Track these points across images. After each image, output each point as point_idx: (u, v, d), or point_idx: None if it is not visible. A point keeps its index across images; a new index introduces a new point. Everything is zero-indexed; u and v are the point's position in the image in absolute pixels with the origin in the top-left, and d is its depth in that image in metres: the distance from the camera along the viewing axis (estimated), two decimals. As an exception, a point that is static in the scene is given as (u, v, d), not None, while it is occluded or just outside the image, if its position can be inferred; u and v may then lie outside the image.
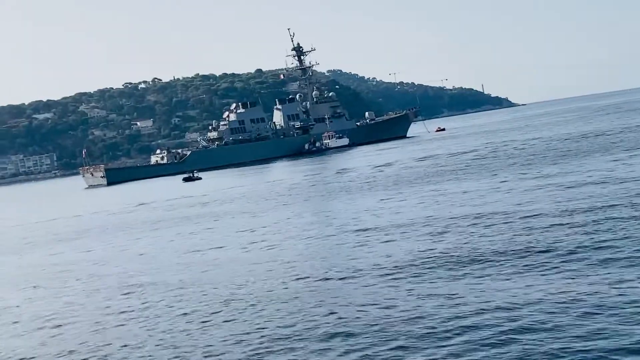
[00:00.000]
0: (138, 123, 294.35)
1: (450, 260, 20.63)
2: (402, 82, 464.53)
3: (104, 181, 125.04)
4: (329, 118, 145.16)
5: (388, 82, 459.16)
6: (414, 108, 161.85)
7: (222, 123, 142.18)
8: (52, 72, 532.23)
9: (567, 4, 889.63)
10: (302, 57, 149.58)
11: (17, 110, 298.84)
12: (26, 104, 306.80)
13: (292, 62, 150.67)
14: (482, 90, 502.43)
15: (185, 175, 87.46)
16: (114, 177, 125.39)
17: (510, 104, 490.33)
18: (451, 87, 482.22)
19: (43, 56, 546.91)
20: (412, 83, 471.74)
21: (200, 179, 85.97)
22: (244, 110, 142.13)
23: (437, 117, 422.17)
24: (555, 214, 25.41)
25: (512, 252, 20.55)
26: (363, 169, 66.50)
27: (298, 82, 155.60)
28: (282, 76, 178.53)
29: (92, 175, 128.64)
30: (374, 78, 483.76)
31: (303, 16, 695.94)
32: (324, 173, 69.69)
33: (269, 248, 27.48)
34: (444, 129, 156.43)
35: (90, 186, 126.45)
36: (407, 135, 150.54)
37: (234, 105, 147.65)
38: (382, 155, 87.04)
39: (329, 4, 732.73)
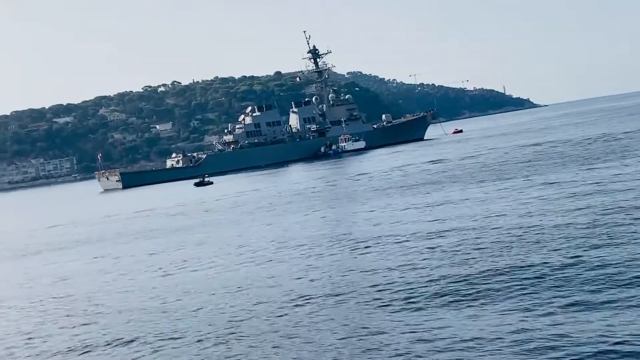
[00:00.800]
0: (157, 126, 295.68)
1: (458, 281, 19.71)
2: (423, 84, 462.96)
3: (119, 185, 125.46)
4: (345, 121, 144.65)
5: (408, 84, 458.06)
6: (431, 110, 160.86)
7: (237, 126, 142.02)
8: (73, 76, 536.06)
9: (589, 2, 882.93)
10: (318, 60, 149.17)
11: (37, 114, 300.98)
12: (46, 107, 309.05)
13: (308, 65, 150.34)
14: (503, 92, 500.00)
15: (197, 180, 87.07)
16: (129, 181, 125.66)
17: (533, 105, 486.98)
18: (472, 89, 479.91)
19: (63, 60, 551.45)
20: (433, 84, 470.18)
21: (211, 183, 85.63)
22: (259, 113, 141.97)
23: (458, 119, 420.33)
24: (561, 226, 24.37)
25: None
26: (377, 173, 65.63)
27: (314, 85, 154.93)
28: (298, 79, 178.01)
29: (108, 179, 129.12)
30: (394, 80, 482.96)
31: (323, 18, 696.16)
32: (338, 177, 69.06)
33: (258, 264, 26.64)
34: (461, 131, 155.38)
35: (106, 190, 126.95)
36: (425, 138, 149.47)
37: (249, 108, 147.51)
38: (396, 159, 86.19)
39: (349, 5, 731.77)
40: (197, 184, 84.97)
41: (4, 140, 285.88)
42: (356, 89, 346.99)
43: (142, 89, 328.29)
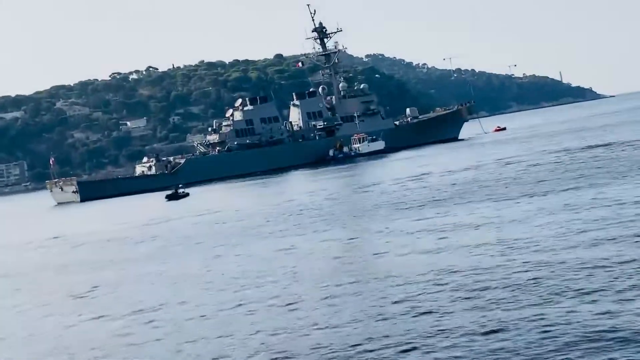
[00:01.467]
0: (128, 123, 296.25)
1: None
2: (460, 70, 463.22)
3: (77, 197, 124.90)
4: (359, 116, 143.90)
5: (442, 70, 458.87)
6: (467, 102, 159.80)
7: (224, 123, 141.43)
8: (22, 61, 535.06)
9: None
10: (325, 40, 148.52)
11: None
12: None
13: (314, 47, 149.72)
14: (559, 79, 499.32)
15: (169, 192, 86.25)
16: (88, 193, 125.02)
17: (596, 96, 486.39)
18: (521, 75, 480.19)
19: (10, 42, 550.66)
20: (472, 70, 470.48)
21: (187, 195, 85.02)
22: (252, 107, 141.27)
23: (504, 113, 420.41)
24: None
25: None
26: (393, 183, 64.75)
27: (321, 72, 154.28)
28: (300, 64, 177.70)
29: (62, 190, 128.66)
30: (424, 64, 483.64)
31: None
32: (347, 188, 68.34)
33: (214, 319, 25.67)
34: (504, 129, 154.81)
35: (60, 204, 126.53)
36: (459, 137, 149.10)
37: (239, 101, 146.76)
38: (420, 164, 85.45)
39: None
40: (169, 197, 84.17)
41: None
42: (376, 75, 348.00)
43: (110, 76, 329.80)
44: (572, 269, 22.73)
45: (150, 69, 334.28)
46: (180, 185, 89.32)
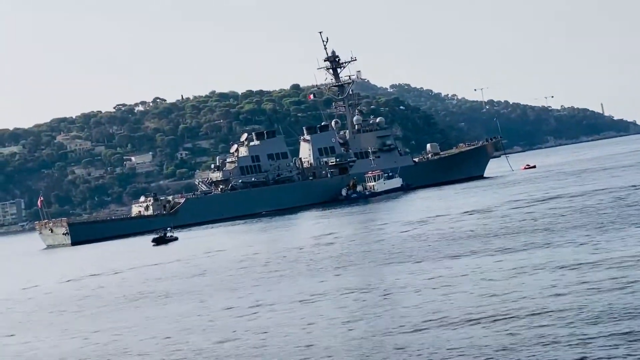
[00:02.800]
0: (133, 158, 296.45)
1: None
2: (492, 101, 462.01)
3: (67, 240, 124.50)
4: (374, 152, 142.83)
5: (473, 101, 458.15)
6: (493, 138, 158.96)
7: (229, 160, 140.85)
8: (21, 92, 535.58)
9: None
10: (338, 70, 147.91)
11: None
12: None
13: (326, 77, 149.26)
14: (601, 112, 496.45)
15: (156, 235, 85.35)
16: (80, 235, 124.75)
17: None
18: (559, 107, 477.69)
19: (9, 73, 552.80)
20: (506, 102, 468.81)
21: (175, 239, 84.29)
22: (258, 142, 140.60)
23: (540, 147, 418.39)
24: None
25: None
26: (400, 227, 64.01)
27: (333, 104, 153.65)
28: (312, 96, 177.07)
29: (52, 231, 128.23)
30: (454, 95, 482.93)
31: (359, 16, 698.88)
32: (359, 230, 67.25)
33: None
34: (534, 166, 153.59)
35: (50, 246, 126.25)
36: (485, 175, 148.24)
37: (244, 135, 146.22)
38: (438, 203, 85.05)
39: (396, 4, 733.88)
40: (156, 241, 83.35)
41: None
42: (400, 107, 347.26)
43: (114, 108, 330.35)
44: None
45: (158, 100, 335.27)
46: (169, 229, 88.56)
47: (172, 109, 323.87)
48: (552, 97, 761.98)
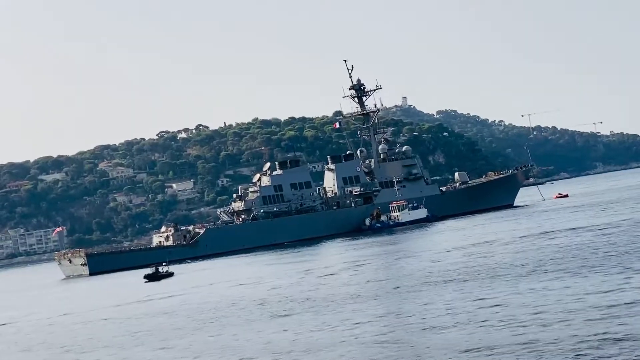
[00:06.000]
0: (174, 185, 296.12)
1: None
2: (540, 127, 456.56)
3: (86, 270, 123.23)
4: (399, 181, 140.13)
5: (520, 127, 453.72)
6: (524, 166, 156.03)
7: (251, 189, 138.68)
8: (66, 119, 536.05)
9: None
10: (364, 99, 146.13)
11: (18, 170, 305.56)
12: (31, 161, 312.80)
13: (352, 105, 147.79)
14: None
15: (149, 271, 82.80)
16: (98, 266, 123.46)
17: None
18: (608, 133, 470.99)
19: (54, 100, 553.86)
20: (554, 128, 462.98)
21: (171, 275, 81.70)
22: (281, 171, 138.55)
23: (589, 174, 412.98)
24: None
25: None
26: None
27: (358, 132, 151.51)
28: (337, 124, 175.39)
29: (70, 262, 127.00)
30: (501, 121, 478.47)
31: (404, 40, 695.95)
32: (373, 265, 65.16)
33: None
34: (566, 195, 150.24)
35: (68, 277, 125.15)
36: (515, 204, 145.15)
37: (267, 165, 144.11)
38: (464, 235, 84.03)
39: (438, 26, 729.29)
40: (148, 278, 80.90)
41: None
42: (444, 134, 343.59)
43: (157, 135, 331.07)
44: None
45: (201, 127, 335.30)
46: (164, 264, 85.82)
47: (214, 136, 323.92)
48: (601, 123, 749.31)
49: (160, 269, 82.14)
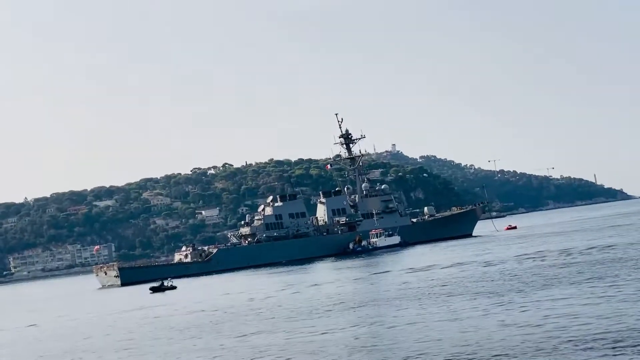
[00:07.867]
0: (203, 212, 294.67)
1: None
2: (503, 170, 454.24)
3: (118, 281, 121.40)
4: (378, 213, 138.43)
5: (487, 170, 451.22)
6: (481, 203, 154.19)
7: (256, 217, 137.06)
8: (116, 155, 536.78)
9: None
10: (350, 145, 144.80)
11: (77, 197, 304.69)
12: (88, 190, 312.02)
13: (341, 151, 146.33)
14: (594, 181, 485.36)
15: (155, 284, 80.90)
16: (129, 277, 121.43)
17: (626, 197, 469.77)
18: (558, 177, 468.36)
19: (110, 139, 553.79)
20: (514, 171, 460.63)
21: (174, 288, 79.61)
22: (281, 203, 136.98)
23: (542, 209, 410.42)
24: None
25: None
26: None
27: (346, 173, 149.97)
28: (329, 166, 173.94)
29: (106, 274, 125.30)
30: (472, 165, 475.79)
31: (399, 98, 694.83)
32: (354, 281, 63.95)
33: None
34: (514, 227, 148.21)
35: (104, 287, 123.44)
36: (474, 234, 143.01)
37: (270, 197, 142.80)
38: (423, 258, 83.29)
39: (428, 90, 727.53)
40: (153, 289, 78.92)
41: (40, 224, 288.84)
42: (424, 175, 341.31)
43: (191, 171, 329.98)
44: None
45: (226, 165, 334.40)
46: (169, 279, 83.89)
47: (236, 172, 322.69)
48: (553, 168, 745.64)
49: (165, 283, 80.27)
